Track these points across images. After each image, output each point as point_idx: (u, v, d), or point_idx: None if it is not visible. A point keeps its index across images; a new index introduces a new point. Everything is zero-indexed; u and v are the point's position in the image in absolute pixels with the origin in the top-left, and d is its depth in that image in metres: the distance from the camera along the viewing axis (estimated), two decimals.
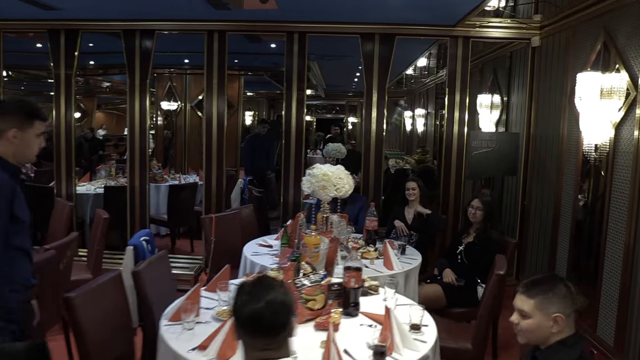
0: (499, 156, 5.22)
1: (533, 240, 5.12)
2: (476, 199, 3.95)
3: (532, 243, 5.15)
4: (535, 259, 5.06)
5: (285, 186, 5.40)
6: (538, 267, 4.97)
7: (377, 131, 5.28)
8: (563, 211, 4.47)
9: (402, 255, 3.79)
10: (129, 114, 5.40)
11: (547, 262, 4.70)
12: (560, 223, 4.52)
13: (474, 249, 3.86)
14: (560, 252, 4.51)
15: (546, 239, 4.78)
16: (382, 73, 5.19)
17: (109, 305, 2.53)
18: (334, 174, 3.19)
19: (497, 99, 6.24)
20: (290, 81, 5.26)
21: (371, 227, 3.96)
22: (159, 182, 7.22)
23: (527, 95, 5.24)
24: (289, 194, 5.39)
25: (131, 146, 5.45)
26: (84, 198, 6.32)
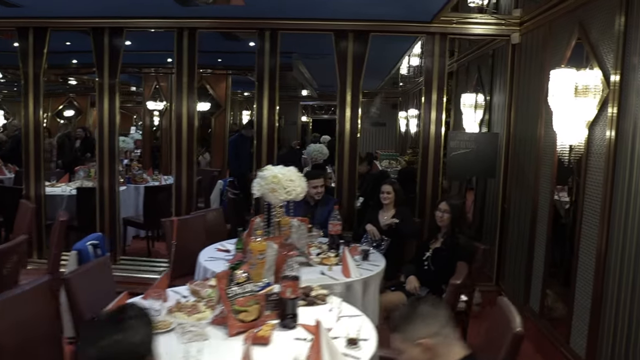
0: (477, 157, 5.04)
1: (512, 245, 4.93)
2: (443, 202, 3.77)
3: (511, 248, 4.96)
4: (514, 265, 4.86)
5: None
6: (517, 273, 4.78)
7: (352, 131, 5.10)
8: (540, 216, 4.28)
9: (365, 262, 3.61)
10: (97, 113, 5.26)
11: (525, 268, 4.51)
12: (537, 228, 4.33)
13: (440, 255, 3.69)
14: (536, 258, 4.32)
15: (524, 244, 4.58)
16: (356, 71, 5.02)
17: (28, 315, 2.37)
18: (284, 176, 3.02)
19: (481, 99, 6.06)
20: (262, 80, 5.09)
21: (334, 231, 3.79)
22: (138, 183, 7.09)
23: (507, 95, 5.05)
24: None
25: (100, 147, 5.31)
26: (57, 199, 6.19)
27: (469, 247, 3.62)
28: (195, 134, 5.25)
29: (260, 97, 5.13)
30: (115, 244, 5.42)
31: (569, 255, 3.74)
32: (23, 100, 5.32)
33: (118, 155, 5.39)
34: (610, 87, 3.22)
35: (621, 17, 3.12)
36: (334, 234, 3.79)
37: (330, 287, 3.10)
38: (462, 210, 3.75)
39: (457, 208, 3.72)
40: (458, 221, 3.70)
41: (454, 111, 6.96)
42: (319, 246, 3.91)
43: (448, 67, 7.69)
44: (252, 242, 2.86)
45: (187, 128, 5.24)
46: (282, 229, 3.56)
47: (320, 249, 3.86)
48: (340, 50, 5.01)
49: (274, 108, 5.16)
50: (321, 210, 4.56)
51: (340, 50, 5.01)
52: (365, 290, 3.31)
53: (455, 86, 7.27)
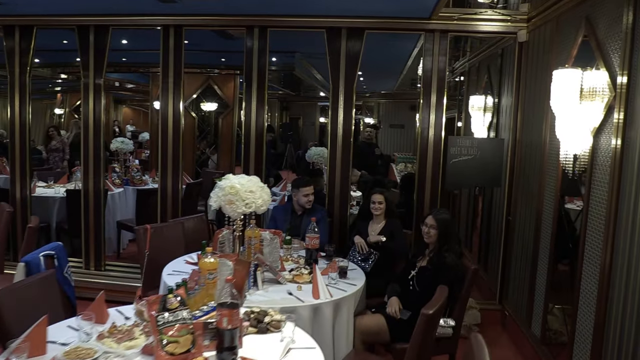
0: (481, 165, 4.66)
1: (517, 260, 4.53)
2: (430, 216, 3.42)
3: (515, 263, 4.56)
4: (518, 283, 4.47)
5: None
6: (520, 292, 4.38)
7: (344, 135, 4.79)
8: (543, 230, 3.89)
9: (341, 280, 3.30)
10: (82, 114, 5.08)
11: (528, 287, 4.12)
12: (540, 243, 3.94)
13: (425, 275, 3.34)
14: (539, 277, 3.93)
15: (527, 261, 4.19)
16: (349, 71, 4.70)
17: None
18: (243, 186, 2.73)
19: (490, 101, 5.66)
20: (250, 79, 4.82)
21: (311, 245, 3.49)
22: (137, 185, 6.93)
23: (513, 97, 4.65)
24: None
25: (85, 148, 5.12)
26: (50, 201, 6.06)
27: (457, 268, 3.26)
28: (181, 136, 5.01)
29: (248, 96, 4.85)
30: (100, 250, 5.24)
31: (571, 275, 3.36)
32: (9, 100, 5.18)
33: (104, 156, 5.19)
34: (617, 90, 2.83)
35: (629, 13, 2.73)
36: (311, 247, 3.49)
37: (294, 310, 2.80)
38: (450, 225, 3.39)
39: (445, 223, 3.36)
40: (446, 237, 3.35)
41: (465, 114, 6.56)
42: (297, 260, 3.62)
43: (460, 67, 7.41)
44: (201, 260, 2.58)
45: (172, 130, 5.00)
46: (251, 243, 3.28)
47: (298, 263, 3.57)
48: (333, 48, 4.70)
49: (263, 108, 4.88)
50: (308, 219, 4.25)
51: (333, 49, 4.70)
52: (337, 313, 2.99)
53: (467, 88, 6.88)
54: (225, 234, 3.23)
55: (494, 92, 5.53)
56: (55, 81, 11.80)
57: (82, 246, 5.26)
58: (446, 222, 3.37)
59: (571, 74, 3.14)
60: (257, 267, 3.12)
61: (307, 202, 4.19)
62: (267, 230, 3.36)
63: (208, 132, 10.22)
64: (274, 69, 8.67)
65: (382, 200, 4.00)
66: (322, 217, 4.28)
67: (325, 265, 3.52)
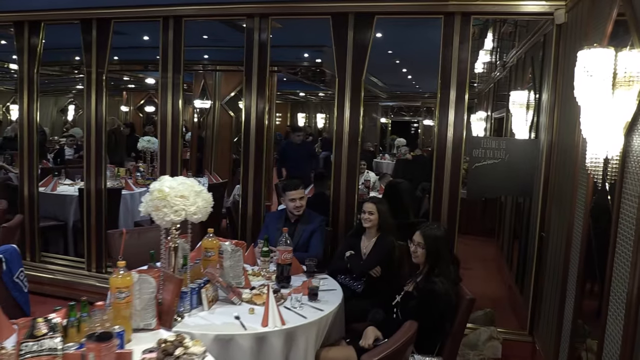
0: (510, 170, 3.97)
1: (548, 285, 3.80)
2: (417, 232, 2.84)
3: (547, 288, 3.83)
4: (548, 311, 3.74)
5: (244, 197, 4.57)
6: (549, 322, 3.66)
7: (351, 135, 4.26)
8: (573, 250, 3.18)
9: (310, 303, 2.80)
10: (85, 110, 4.90)
11: (557, 317, 3.41)
12: (569, 266, 3.23)
13: (407, 303, 2.77)
14: (567, 305, 3.22)
15: (557, 285, 3.47)
16: (357, 63, 4.17)
17: None
18: (174, 190, 2.32)
19: (533, 97, 4.92)
20: (250, 73, 4.42)
21: (282, 259, 3.02)
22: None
23: (550, 90, 3.93)
24: (248, 206, 4.54)
25: (87, 148, 4.96)
26: (67, 199, 6.00)
27: (447, 297, 2.65)
28: (180, 138, 4.71)
29: (248, 89, 4.45)
30: (102, 251, 5.04)
31: (598, 305, 2.66)
32: (19, 98, 5.11)
33: (106, 155, 5.00)
34: None
35: None
36: (282, 263, 3.02)
37: (231, 339, 2.36)
38: (441, 243, 2.78)
39: (435, 240, 2.77)
40: (436, 258, 2.76)
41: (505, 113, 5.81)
42: (270, 276, 3.15)
43: (509, 61, 6.62)
44: (112, 277, 2.18)
45: (171, 131, 4.71)
46: (207, 255, 2.87)
47: (270, 279, 3.11)
48: (340, 37, 4.19)
49: (264, 105, 4.46)
50: (302, 229, 3.79)
51: (339, 38, 4.19)
52: (291, 345, 2.50)
53: (511, 83, 6.12)
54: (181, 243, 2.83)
55: (535, 87, 4.79)
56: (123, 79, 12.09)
57: (85, 247, 5.09)
58: (437, 240, 2.77)
59: (601, 55, 2.46)
60: (206, 283, 2.70)
61: (295, 208, 3.72)
62: (228, 241, 2.93)
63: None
64: (306, 64, 8.25)
65: (374, 210, 3.46)
66: (319, 227, 3.79)
67: (302, 282, 3.04)
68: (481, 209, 7.70)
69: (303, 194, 3.74)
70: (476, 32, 7.07)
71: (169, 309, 2.36)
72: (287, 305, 2.71)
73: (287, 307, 2.70)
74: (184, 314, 2.54)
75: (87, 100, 4.87)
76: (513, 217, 5.57)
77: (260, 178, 4.49)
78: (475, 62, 8.69)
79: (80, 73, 5.01)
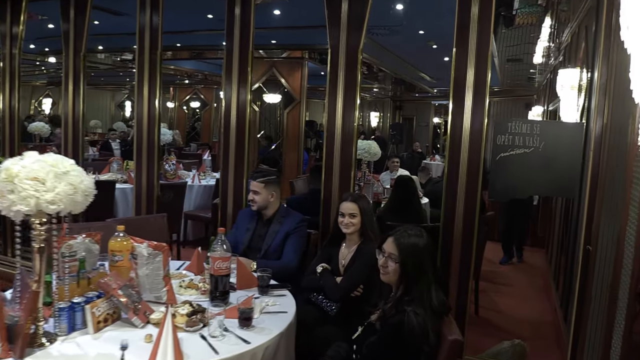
0: (546, 162, 3.07)
1: (594, 312, 2.87)
2: (389, 239, 2.04)
3: (593, 316, 2.90)
4: (592, 344, 2.81)
5: (223, 198, 3.92)
6: (594, 355, 2.74)
7: (345, 126, 3.49)
8: (625, 267, 2.27)
9: (241, 330, 2.07)
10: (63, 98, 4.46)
11: (602, 348, 2.51)
12: (619, 289, 2.32)
13: (370, 339, 1.98)
14: (615, 337, 2.31)
15: (603, 313, 2.57)
16: (352, 37, 3.40)
17: None
18: (24, 169, 1.67)
19: (585, 78, 3.95)
20: (230, 57, 3.76)
21: (215, 269, 2.31)
22: (169, 180, 6.29)
23: (600, 66, 3.01)
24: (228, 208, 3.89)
25: (65, 136, 4.57)
26: None
27: (417, 340, 1.84)
28: (157, 132, 4.14)
29: (228, 80, 3.80)
30: None
31: None
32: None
33: (83, 146, 4.55)
34: None
35: None
36: (215, 274, 2.31)
37: None
38: (419, 257, 1.96)
39: (413, 252, 1.96)
40: (412, 278, 1.95)
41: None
42: (204, 290, 2.45)
43: (564, 40, 5.58)
44: None
45: (147, 122, 4.18)
46: (113, 259, 2.22)
47: (205, 294, 2.42)
48: (333, 10, 3.44)
49: (246, 93, 3.80)
50: (274, 230, 3.10)
51: (332, 8, 3.44)
52: None
53: (562, 63, 5.13)
54: (75, 244, 2.20)
55: (588, 63, 3.82)
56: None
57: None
58: (415, 251, 1.97)
59: None
60: (98, 297, 2.05)
61: (252, 203, 3.05)
62: (145, 242, 2.26)
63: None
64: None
65: (355, 212, 2.69)
66: (297, 229, 3.07)
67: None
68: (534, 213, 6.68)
69: (259, 189, 3.04)
70: (535, 21, 6.16)
71: (21, 330, 1.72)
72: (205, 333, 2.00)
73: (203, 335, 1.99)
74: (57, 337, 1.90)
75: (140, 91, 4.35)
76: (562, 223, 4.58)
77: (241, 178, 3.85)
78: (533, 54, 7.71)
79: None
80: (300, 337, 2.42)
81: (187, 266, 2.82)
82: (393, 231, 2.06)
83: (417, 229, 2.03)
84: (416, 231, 2.02)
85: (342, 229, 2.74)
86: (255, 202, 3.05)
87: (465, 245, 3.23)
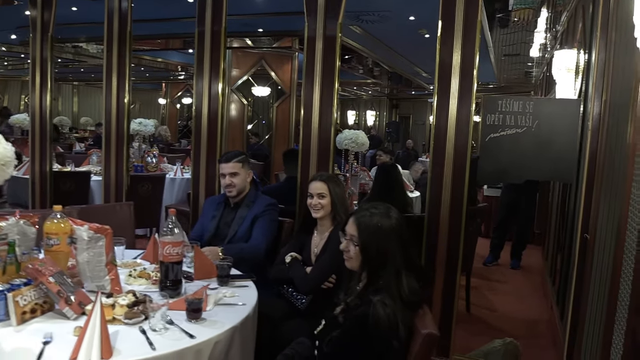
0: (539, 144, 2.83)
1: (591, 308, 2.62)
2: (350, 219, 1.79)
3: (591, 312, 2.64)
4: (590, 344, 2.56)
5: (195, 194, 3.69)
6: (592, 354, 2.49)
7: (322, 119, 3.24)
8: (626, 256, 2.02)
9: (188, 323, 1.82)
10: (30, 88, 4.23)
11: (601, 347, 2.26)
12: (620, 282, 2.06)
13: (332, 334, 1.72)
14: (616, 338, 2.06)
15: (602, 309, 2.32)
16: (330, 11, 3.16)
17: None
18: None
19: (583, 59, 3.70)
20: (202, 44, 3.52)
21: (164, 256, 2.05)
22: (150, 172, 6.06)
23: (598, 44, 2.77)
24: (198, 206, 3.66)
25: (32, 127, 4.35)
26: None
27: (384, 333, 1.58)
28: (126, 120, 3.92)
29: (200, 71, 3.57)
30: None
31: None
32: None
33: (51, 137, 4.35)
34: None
35: None
36: (166, 261, 2.05)
37: None
38: (383, 239, 1.70)
39: (374, 233, 1.71)
40: (376, 264, 1.70)
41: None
42: (156, 279, 2.20)
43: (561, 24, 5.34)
44: None
45: (116, 114, 3.98)
46: (48, 243, 1.97)
47: (156, 284, 2.16)
48: None
49: (219, 87, 3.56)
50: (241, 215, 2.85)
51: None
52: None
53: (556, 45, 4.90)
54: (7, 225, 1.96)
55: (585, 43, 3.58)
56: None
57: None
58: (376, 233, 1.71)
59: None
60: (26, 285, 1.80)
61: (226, 187, 2.81)
62: (86, 224, 2.00)
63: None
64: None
65: (324, 192, 2.45)
66: (266, 212, 2.83)
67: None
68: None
69: (238, 170, 2.79)
70: (531, 16, 5.96)
71: None
72: (146, 327, 1.75)
73: (144, 328, 1.74)
74: None
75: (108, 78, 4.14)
76: (558, 215, 4.33)
77: (214, 174, 3.61)
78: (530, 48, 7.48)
79: None
80: (264, 333, 2.17)
81: (143, 255, 2.57)
82: (355, 210, 1.80)
83: (385, 206, 1.77)
84: (382, 209, 1.75)
85: (312, 213, 2.50)
86: (234, 185, 2.81)
87: (452, 236, 2.98)
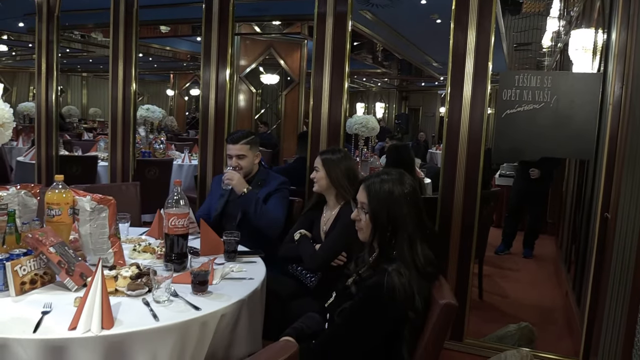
0: (556, 119, 2.72)
1: (613, 293, 2.51)
2: (361, 186, 1.70)
3: (612, 298, 2.53)
4: (612, 326, 2.46)
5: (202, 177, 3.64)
6: (614, 341, 2.39)
7: (332, 104, 3.16)
8: None
9: (193, 296, 1.75)
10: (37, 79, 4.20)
11: (624, 333, 2.16)
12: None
13: (343, 306, 1.64)
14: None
15: (625, 295, 2.21)
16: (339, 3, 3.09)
17: None
18: None
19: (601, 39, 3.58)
20: (209, 31, 3.45)
21: (170, 227, 1.98)
22: (157, 158, 6.02)
23: (619, 20, 2.65)
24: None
25: (38, 114, 4.32)
26: None
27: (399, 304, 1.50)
28: (133, 105, 3.90)
29: (207, 59, 3.55)
30: None
31: None
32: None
33: (57, 121, 4.33)
34: None
35: None
36: (170, 233, 1.98)
37: (3, 345, 1.37)
38: (399, 206, 1.61)
39: (386, 200, 1.61)
40: (388, 232, 1.61)
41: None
42: (160, 254, 2.13)
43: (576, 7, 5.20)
44: None
45: (122, 99, 3.94)
46: (50, 214, 1.91)
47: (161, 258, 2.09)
48: None
49: (227, 75, 3.50)
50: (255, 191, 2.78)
51: None
52: None
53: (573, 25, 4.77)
54: (7, 195, 1.90)
55: (604, 24, 3.45)
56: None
57: None
58: (387, 199, 1.61)
59: None
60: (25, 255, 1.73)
61: (236, 170, 2.73)
62: (89, 195, 1.94)
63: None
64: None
65: (319, 166, 2.40)
66: (278, 190, 2.76)
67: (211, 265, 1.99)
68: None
69: (245, 152, 2.72)
70: (542, 9, 5.84)
71: None
72: (150, 299, 1.68)
73: (147, 300, 1.67)
74: None
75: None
76: (574, 201, 4.22)
77: (221, 162, 3.57)
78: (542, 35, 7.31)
79: None
80: (273, 311, 2.10)
81: (148, 231, 2.50)
82: (366, 176, 1.72)
83: (398, 172, 1.67)
84: (395, 176, 1.66)
85: (314, 188, 2.46)
86: (242, 167, 2.73)
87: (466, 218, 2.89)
